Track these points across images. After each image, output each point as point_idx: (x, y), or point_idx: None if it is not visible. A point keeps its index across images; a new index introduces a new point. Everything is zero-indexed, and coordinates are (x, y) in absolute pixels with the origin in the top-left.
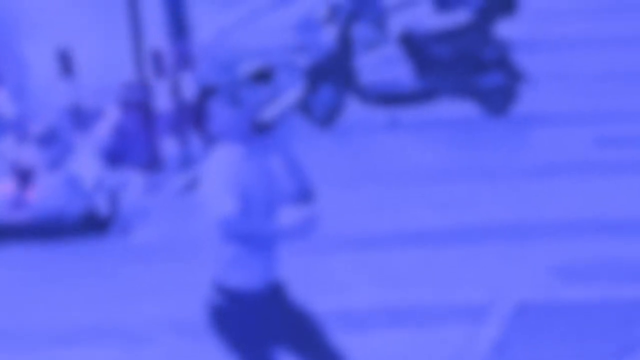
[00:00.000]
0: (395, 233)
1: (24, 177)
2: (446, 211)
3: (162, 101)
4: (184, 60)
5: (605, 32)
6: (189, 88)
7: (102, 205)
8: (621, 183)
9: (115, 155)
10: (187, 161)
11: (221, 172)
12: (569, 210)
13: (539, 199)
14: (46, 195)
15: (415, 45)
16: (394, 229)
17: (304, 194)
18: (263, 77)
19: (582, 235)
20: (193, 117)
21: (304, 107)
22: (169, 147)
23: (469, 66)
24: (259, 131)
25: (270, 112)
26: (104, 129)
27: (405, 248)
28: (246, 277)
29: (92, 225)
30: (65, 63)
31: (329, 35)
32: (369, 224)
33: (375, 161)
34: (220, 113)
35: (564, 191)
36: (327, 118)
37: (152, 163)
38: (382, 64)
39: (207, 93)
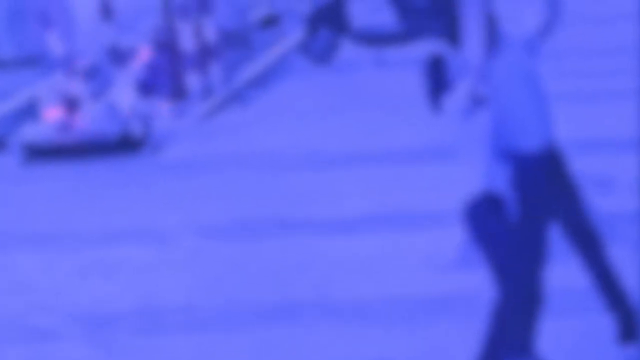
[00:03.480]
0: (382, 151)
1: (71, 105)
2: (427, 131)
3: (186, 42)
4: (205, 6)
5: None
6: (209, 31)
7: (136, 128)
8: None
9: (147, 86)
10: (207, 91)
11: None
12: None
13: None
14: (89, 119)
15: None
16: (382, 148)
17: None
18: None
19: None
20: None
21: (305, 47)
22: (191, 79)
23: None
24: None
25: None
26: (137, 65)
27: (389, 163)
28: (533, 140)
29: (127, 145)
30: (105, 9)
31: None
32: (359, 143)
33: (364, 92)
34: None
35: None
36: (325, 57)
37: (178, 93)
38: (370, 11)
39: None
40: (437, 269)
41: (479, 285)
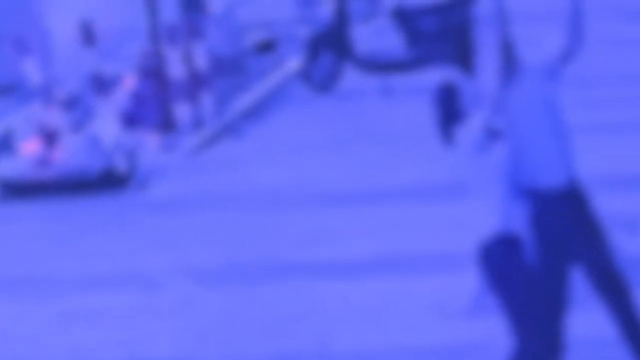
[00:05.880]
0: (388, 188)
1: (50, 137)
2: (437, 166)
3: (175, 69)
4: (196, 30)
5: None
6: (200, 57)
7: (120, 163)
8: None
9: (133, 117)
10: (197, 123)
11: None
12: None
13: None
14: (70, 154)
15: (405, 18)
16: (388, 184)
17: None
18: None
19: None
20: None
21: (305, 74)
22: (181, 110)
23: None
24: None
25: None
26: (122, 94)
27: (395, 202)
28: (553, 175)
29: (111, 181)
30: (87, 33)
31: (327, 9)
32: (363, 179)
33: (369, 123)
34: None
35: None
36: (326, 84)
37: (166, 125)
38: (375, 35)
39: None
40: (449, 316)
41: (494, 334)
